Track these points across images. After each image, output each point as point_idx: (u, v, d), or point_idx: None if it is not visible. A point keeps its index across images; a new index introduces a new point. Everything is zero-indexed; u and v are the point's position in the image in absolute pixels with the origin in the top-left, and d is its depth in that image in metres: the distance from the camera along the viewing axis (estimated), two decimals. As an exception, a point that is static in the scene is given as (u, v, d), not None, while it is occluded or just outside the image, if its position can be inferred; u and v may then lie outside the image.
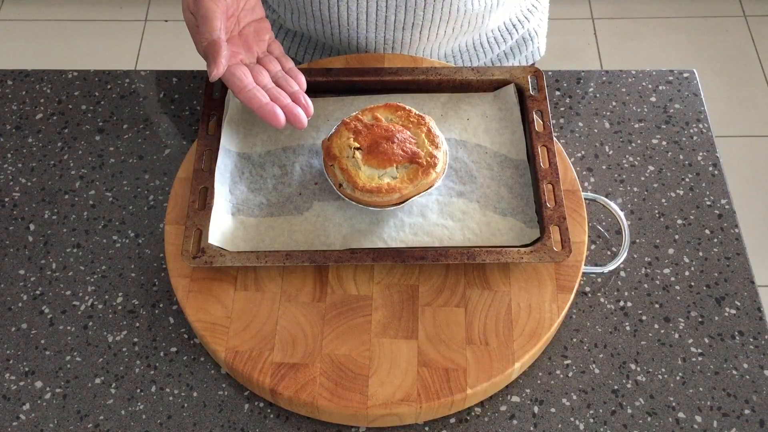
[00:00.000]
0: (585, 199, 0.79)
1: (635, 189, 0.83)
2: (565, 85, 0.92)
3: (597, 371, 0.72)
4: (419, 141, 0.74)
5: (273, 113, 0.72)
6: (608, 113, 0.89)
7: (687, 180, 0.84)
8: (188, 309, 0.71)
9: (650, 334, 0.74)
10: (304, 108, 0.75)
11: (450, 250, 0.71)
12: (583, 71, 0.93)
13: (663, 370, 0.72)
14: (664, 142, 0.87)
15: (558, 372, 0.72)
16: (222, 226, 0.74)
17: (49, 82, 0.93)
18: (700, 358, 0.73)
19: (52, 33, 2.28)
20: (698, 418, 0.70)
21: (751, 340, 0.74)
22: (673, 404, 0.70)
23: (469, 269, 0.74)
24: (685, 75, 0.93)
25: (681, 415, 0.70)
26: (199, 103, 0.91)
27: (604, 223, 0.81)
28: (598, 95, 0.91)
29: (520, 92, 0.82)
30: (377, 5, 0.84)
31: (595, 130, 0.88)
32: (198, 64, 0.78)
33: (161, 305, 0.76)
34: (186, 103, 0.91)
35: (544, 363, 0.73)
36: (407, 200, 0.73)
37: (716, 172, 0.85)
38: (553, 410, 0.70)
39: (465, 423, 0.70)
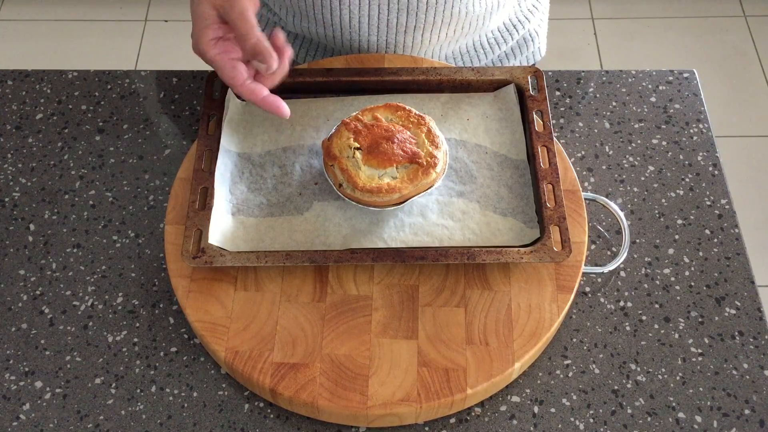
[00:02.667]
0: (585, 199, 0.79)
1: (635, 189, 0.83)
2: (565, 85, 0.92)
3: (597, 371, 0.72)
4: (419, 141, 0.74)
5: (276, 104, 0.72)
6: (608, 113, 0.89)
7: (687, 180, 0.84)
8: (188, 309, 0.71)
9: (650, 334, 0.74)
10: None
11: (450, 250, 0.71)
12: (583, 71, 0.93)
13: (663, 370, 0.72)
14: (664, 142, 0.87)
15: (558, 372, 0.72)
16: (222, 226, 0.74)
17: (49, 82, 0.93)
18: (700, 358, 0.73)
19: (52, 33, 2.28)
20: (698, 418, 0.70)
21: (751, 340, 0.74)
22: (673, 404, 0.70)
23: (469, 269, 0.74)
24: (685, 75, 0.93)
25: (681, 415, 0.70)
26: (199, 103, 0.91)
27: (604, 223, 0.81)
28: (598, 95, 0.91)
29: (520, 92, 0.82)
30: (379, 9, 0.84)
31: (595, 130, 0.88)
32: (198, 64, 0.78)
33: (161, 305, 0.76)
34: (186, 103, 0.91)
35: (544, 363, 0.73)
36: (407, 200, 0.73)
37: (716, 172, 0.85)
38: (553, 410, 0.70)
39: (465, 423, 0.70)
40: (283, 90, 0.82)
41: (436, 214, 0.74)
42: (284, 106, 0.72)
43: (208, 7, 0.70)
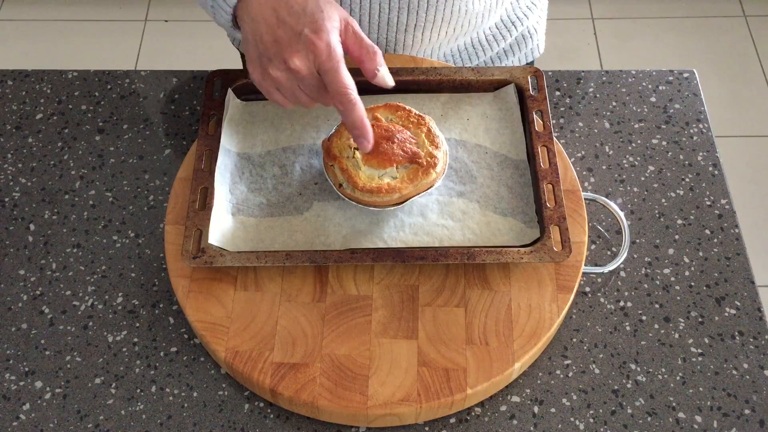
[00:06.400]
0: (585, 199, 0.79)
1: (635, 189, 0.83)
2: (565, 85, 0.92)
3: (597, 371, 0.72)
4: (419, 141, 0.74)
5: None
6: (608, 113, 0.89)
7: (687, 180, 0.84)
8: (188, 309, 0.71)
9: (650, 334, 0.74)
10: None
11: (450, 250, 0.71)
12: (583, 71, 0.93)
13: (663, 370, 0.72)
14: (664, 142, 0.87)
15: (558, 372, 0.72)
16: (222, 226, 0.74)
17: (49, 82, 0.93)
18: (700, 358, 0.73)
19: (52, 33, 2.28)
20: (698, 418, 0.70)
21: (751, 340, 0.74)
22: (673, 404, 0.70)
23: (469, 269, 0.74)
24: (685, 75, 0.93)
25: (681, 415, 0.70)
26: (199, 103, 0.91)
27: (604, 223, 0.81)
28: (598, 95, 0.91)
29: (520, 92, 0.82)
30: (380, 7, 0.84)
31: (595, 130, 0.88)
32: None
33: (161, 305, 0.76)
34: (186, 103, 0.91)
35: (544, 363, 0.73)
36: (407, 200, 0.73)
37: (716, 172, 0.85)
38: (553, 410, 0.70)
39: (465, 423, 0.70)
40: (283, 90, 0.82)
41: (436, 214, 0.74)
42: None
43: (311, 78, 0.68)
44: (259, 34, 0.68)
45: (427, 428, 0.69)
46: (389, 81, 0.72)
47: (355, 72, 0.83)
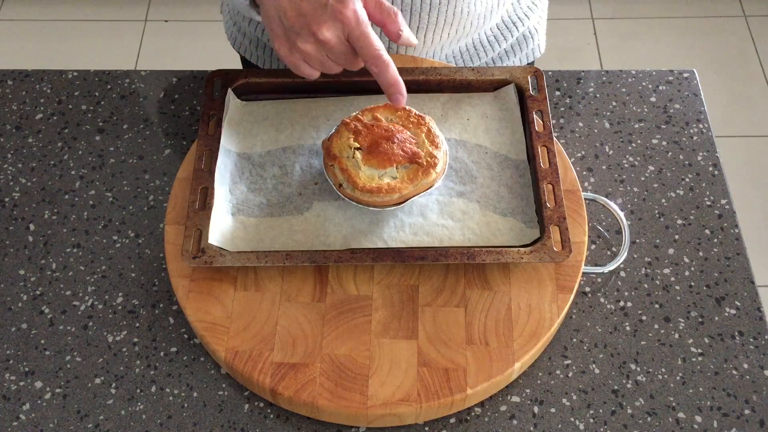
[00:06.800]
0: (585, 199, 0.79)
1: (635, 189, 0.83)
2: (565, 85, 0.92)
3: (597, 371, 0.72)
4: (419, 141, 0.74)
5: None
6: (608, 113, 0.89)
7: (687, 180, 0.84)
8: (188, 309, 0.71)
9: (650, 334, 0.74)
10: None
11: (450, 250, 0.71)
12: (583, 71, 0.93)
13: (663, 370, 0.72)
14: (664, 142, 0.87)
15: (558, 372, 0.72)
16: (222, 226, 0.74)
17: (49, 82, 0.93)
18: (700, 358, 0.73)
19: (52, 33, 2.29)
20: (698, 418, 0.70)
21: (751, 340, 0.74)
22: (673, 404, 0.70)
23: (469, 269, 0.74)
24: (685, 75, 0.93)
25: (681, 415, 0.70)
26: (199, 103, 0.91)
27: (604, 223, 0.81)
28: (598, 95, 0.91)
29: (520, 92, 0.82)
30: None
31: (595, 130, 0.88)
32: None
33: (161, 305, 0.76)
34: (186, 103, 0.91)
35: (544, 363, 0.73)
36: (407, 200, 0.73)
37: (716, 172, 0.85)
38: (553, 410, 0.70)
39: (465, 423, 0.70)
40: (284, 90, 0.82)
41: (436, 214, 0.74)
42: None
43: (340, 44, 0.70)
44: (283, 9, 0.70)
45: (427, 428, 0.69)
46: (413, 40, 0.74)
47: (360, 72, 0.83)
